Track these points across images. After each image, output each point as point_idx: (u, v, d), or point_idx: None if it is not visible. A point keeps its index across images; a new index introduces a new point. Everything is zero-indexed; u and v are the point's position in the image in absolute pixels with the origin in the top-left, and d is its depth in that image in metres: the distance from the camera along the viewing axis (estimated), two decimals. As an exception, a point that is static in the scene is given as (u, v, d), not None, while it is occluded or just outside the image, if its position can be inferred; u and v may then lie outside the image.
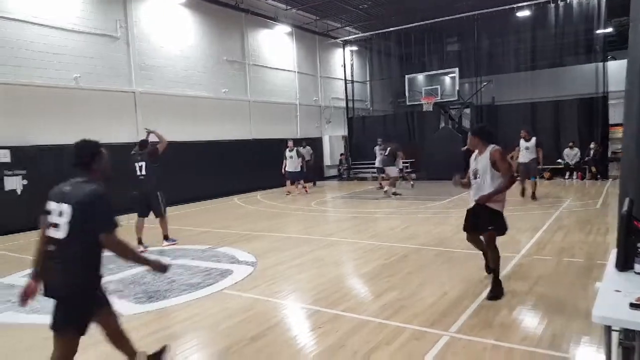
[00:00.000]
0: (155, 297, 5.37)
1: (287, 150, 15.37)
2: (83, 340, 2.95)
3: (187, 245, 8.23)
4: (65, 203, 2.73)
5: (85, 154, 2.87)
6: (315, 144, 21.11)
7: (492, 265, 4.88)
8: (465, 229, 5.15)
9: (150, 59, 14.28)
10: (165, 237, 8.30)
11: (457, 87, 19.03)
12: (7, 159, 10.69)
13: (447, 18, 18.45)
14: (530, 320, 4.27)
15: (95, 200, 2.72)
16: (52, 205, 2.78)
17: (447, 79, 20.50)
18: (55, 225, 2.74)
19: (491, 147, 4.82)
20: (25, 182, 10.95)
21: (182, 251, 7.72)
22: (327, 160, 22.20)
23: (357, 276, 6.09)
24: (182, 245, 8.19)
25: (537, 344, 3.69)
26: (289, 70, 20.14)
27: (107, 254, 2.82)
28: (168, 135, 8.64)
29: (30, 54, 11.40)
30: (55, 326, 2.84)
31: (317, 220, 11.18)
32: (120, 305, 5.08)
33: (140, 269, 6.62)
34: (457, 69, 18.92)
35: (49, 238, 2.78)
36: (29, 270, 7.01)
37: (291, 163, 15.25)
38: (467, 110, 19.86)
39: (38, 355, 3.99)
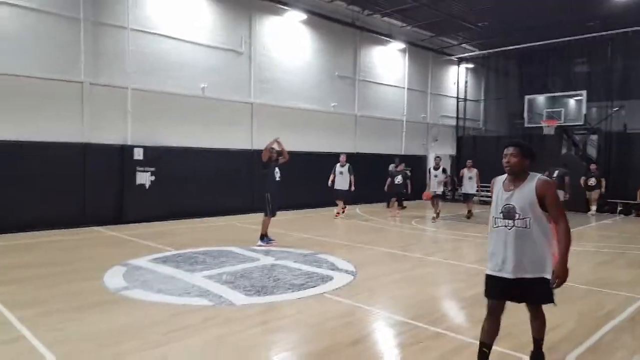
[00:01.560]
0: (263, 291, 5.70)
1: (338, 165, 13.66)
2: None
3: (290, 248, 8.60)
4: None
5: None
6: (420, 162, 20.78)
7: (539, 335, 3.70)
8: (491, 295, 3.64)
9: (268, 73, 15.18)
10: (261, 237, 8.93)
11: (583, 111, 17.54)
12: (140, 157, 12.01)
13: (576, 37, 17.21)
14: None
15: None
16: None
17: (572, 102, 18.99)
18: None
19: (537, 175, 3.36)
20: (152, 178, 12.20)
21: (285, 253, 8.07)
22: (431, 180, 21.64)
23: (460, 299, 5.89)
24: (285, 248, 8.57)
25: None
26: (398, 87, 20.12)
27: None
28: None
29: (165, 64, 12.72)
30: None
31: (418, 238, 11.00)
32: (232, 296, 5.49)
33: (249, 265, 7.08)
34: (584, 92, 17.49)
35: None
36: (155, 255, 7.82)
37: (341, 180, 13.52)
38: (594, 137, 18.22)
39: (162, 329, 4.45)
